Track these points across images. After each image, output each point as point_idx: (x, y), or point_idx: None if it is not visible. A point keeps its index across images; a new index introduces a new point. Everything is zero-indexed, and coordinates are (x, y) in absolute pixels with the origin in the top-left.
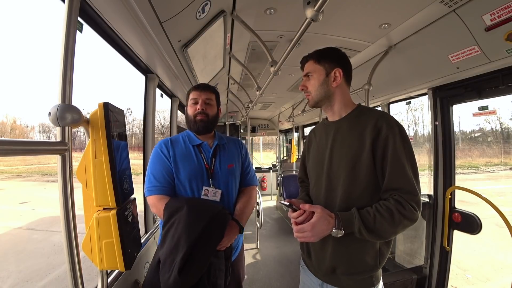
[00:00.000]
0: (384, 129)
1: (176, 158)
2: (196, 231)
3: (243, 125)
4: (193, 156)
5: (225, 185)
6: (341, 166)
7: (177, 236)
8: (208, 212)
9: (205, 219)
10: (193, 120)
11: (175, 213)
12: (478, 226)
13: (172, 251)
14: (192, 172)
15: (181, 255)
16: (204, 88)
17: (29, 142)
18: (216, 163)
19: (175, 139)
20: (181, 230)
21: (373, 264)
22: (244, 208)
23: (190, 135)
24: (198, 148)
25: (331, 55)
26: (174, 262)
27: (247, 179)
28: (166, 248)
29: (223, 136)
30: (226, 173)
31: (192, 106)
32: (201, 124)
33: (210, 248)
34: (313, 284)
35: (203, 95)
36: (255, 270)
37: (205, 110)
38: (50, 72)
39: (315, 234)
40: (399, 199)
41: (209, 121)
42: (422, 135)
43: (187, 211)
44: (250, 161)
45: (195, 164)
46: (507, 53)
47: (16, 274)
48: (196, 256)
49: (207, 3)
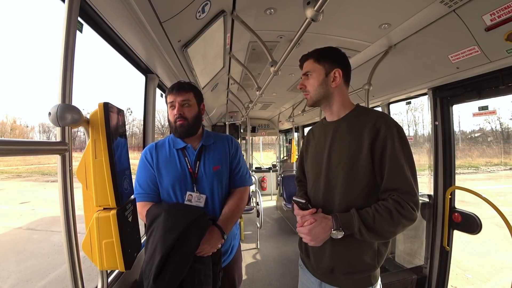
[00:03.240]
0: (383, 129)
1: (159, 164)
2: (171, 238)
3: (243, 125)
4: (176, 161)
5: (210, 189)
6: (340, 166)
7: (154, 243)
8: (186, 218)
9: (182, 225)
10: (174, 126)
11: (155, 220)
12: (478, 226)
13: (150, 258)
14: (175, 177)
15: (157, 261)
16: (178, 88)
17: (29, 142)
18: (200, 167)
19: (161, 144)
20: (158, 237)
21: (371, 264)
22: (229, 212)
23: (175, 139)
24: (182, 151)
25: (332, 55)
26: (152, 268)
27: (236, 180)
28: (146, 256)
29: (211, 134)
30: (211, 177)
31: (171, 111)
32: (181, 129)
33: (186, 255)
34: (311, 284)
35: (179, 97)
36: (255, 270)
37: (184, 114)
38: (50, 72)
39: (314, 238)
40: (397, 199)
41: (190, 125)
42: (422, 135)
43: (164, 218)
44: (242, 159)
45: (178, 169)
46: (507, 53)
47: (16, 274)
48: (171, 263)
49: (207, 3)
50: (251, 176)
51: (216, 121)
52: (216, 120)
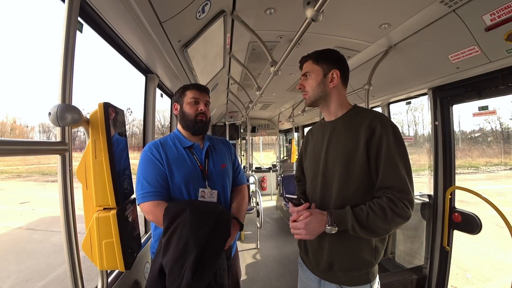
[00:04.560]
0: (378, 129)
1: (169, 161)
2: (204, 233)
3: (243, 125)
4: (186, 158)
5: (221, 185)
6: (336, 164)
7: (183, 240)
8: (213, 213)
9: (212, 220)
10: (194, 120)
11: (177, 217)
12: (478, 226)
13: (180, 256)
14: (188, 174)
15: (192, 259)
16: (204, 89)
17: (29, 142)
18: (210, 164)
19: (164, 141)
20: (188, 233)
21: (369, 261)
22: (240, 206)
23: (179, 137)
24: (189, 150)
25: (330, 56)
26: (184, 267)
27: (238, 178)
28: (172, 255)
29: (211, 137)
30: (220, 174)
31: (192, 105)
32: (201, 124)
33: (220, 249)
34: (310, 281)
35: (203, 97)
36: (255, 270)
37: (205, 112)
38: (50, 72)
39: (309, 232)
40: (391, 197)
41: (207, 123)
42: (422, 135)
43: (191, 213)
44: (238, 160)
45: (190, 166)
46: (507, 53)
47: (16, 274)
48: (206, 258)
49: (207, 3)
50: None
51: (216, 121)
52: (216, 120)
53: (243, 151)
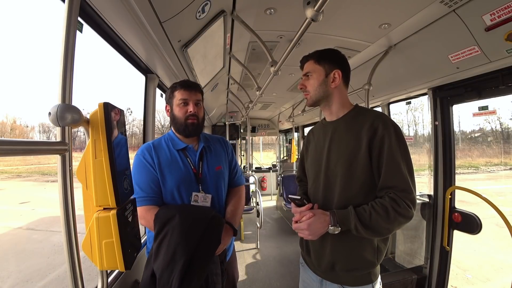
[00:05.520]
0: (380, 129)
1: (162, 165)
2: (194, 240)
3: (243, 125)
4: (179, 161)
5: (215, 188)
6: (338, 165)
7: (172, 246)
8: (203, 219)
9: (202, 226)
10: (184, 123)
11: (167, 223)
12: (478, 226)
13: (169, 262)
14: (180, 178)
15: (180, 266)
16: (193, 87)
17: (29, 142)
18: (204, 167)
19: (158, 144)
20: (177, 240)
21: (371, 261)
22: (235, 210)
23: (173, 139)
24: (183, 152)
25: (332, 56)
26: (172, 274)
27: (235, 179)
28: (161, 260)
29: (207, 136)
30: (215, 176)
31: (182, 107)
32: (192, 128)
33: (209, 255)
34: (312, 281)
35: (193, 96)
36: (255, 270)
37: (197, 113)
38: (50, 72)
39: (312, 232)
40: (394, 197)
41: (200, 124)
42: (422, 135)
43: (180, 219)
44: (236, 160)
45: (182, 170)
46: (507, 53)
47: (16, 274)
48: (195, 264)
49: (207, 3)
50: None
51: (216, 121)
52: (216, 120)
53: (243, 151)
